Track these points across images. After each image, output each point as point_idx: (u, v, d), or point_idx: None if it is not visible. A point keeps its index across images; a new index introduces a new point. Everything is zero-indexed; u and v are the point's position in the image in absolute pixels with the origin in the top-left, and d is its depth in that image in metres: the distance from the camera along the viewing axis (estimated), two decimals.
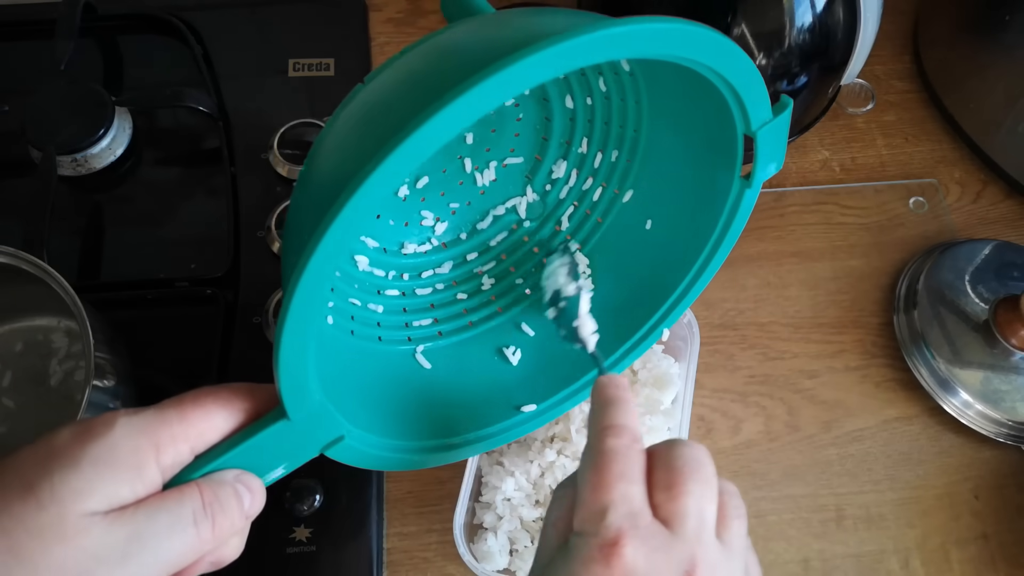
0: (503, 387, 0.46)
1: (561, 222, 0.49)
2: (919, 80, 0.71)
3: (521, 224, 0.49)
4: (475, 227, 0.48)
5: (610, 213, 0.48)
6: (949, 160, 0.68)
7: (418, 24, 0.73)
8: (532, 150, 0.47)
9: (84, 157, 0.61)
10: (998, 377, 0.55)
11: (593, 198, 0.48)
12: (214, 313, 0.57)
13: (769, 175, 0.40)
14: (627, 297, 0.47)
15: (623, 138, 0.45)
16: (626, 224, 0.47)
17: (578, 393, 0.46)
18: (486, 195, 0.48)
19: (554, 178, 0.48)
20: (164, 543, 0.28)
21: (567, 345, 0.44)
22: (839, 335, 0.60)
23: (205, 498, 0.29)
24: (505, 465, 0.51)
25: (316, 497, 0.51)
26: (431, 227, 0.47)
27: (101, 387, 0.44)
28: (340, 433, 0.36)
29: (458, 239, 0.48)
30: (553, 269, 0.46)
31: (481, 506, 0.51)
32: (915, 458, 0.56)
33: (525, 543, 0.50)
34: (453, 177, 0.46)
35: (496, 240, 0.49)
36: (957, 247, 0.60)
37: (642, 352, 0.47)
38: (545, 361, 0.47)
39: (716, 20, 0.54)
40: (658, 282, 0.46)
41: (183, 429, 0.30)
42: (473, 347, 0.47)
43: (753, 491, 0.54)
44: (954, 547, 0.53)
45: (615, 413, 0.34)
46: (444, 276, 0.47)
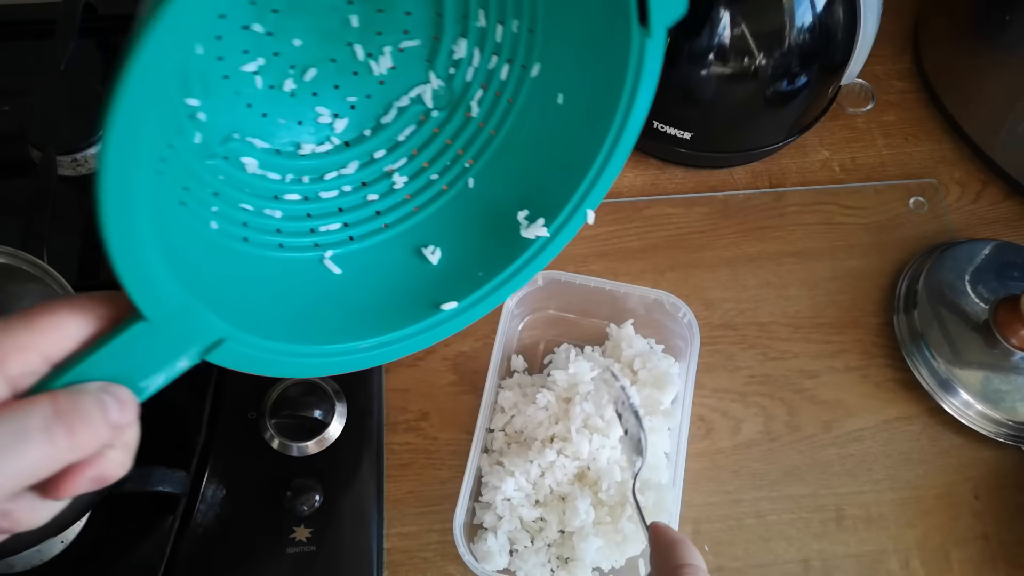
0: (421, 287, 0.43)
1: (471, 108, 0.46)
2: (919, 80, 0.71)
3: (429, 115, 0.46)
4: (379, 122, 0.45)
5: (520, 92, 0.45)
6: (949, 160, 0.68)
7: None
8: (428, 30, 0.44)
9: (84, 157, 0.61)
10: (998, 377, 0.55)
11: (501, 77, 0.45)
12: None
13: (669, 21, 0.38)
14: (550, 178, 0.44)
15: (520, 4, 0.43)
16: (538, 103, 0.44)
17: (505, 284, 0.43)
18: (386, 85, 0.45)
19: (456, 59, 0.45)
20: (11, 451, 0.26)
21: (494, 237, 0.43)
22: (839, 335, 0.60)
23: (59, 405, 0.28)
24: (505, 465, 0.51)
25: (316, 497, 0.51)
26: (329, 124, 0.44)
27: None
28: (219, 336, 0.33)
29: (361, 136, 0.45)
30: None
31: (481, 506, 0.51)
32: (915, 458, 0.56)
33: (525, 543, 0.50)
34: (345, 67, 0.43)
35: (404, 135, 0.46)
36: (957, 247, 0.60)
37: (570, 235, 0.43)
38: (469, 257, 0.44)
39: (716, 20, 0.54)
40: (578, 160, 0.43)
41: (30, 338, 0.28)
42: (388, 249, 0.45)
43: (753, 491, 0.54)
44: (954, 547, 0.53)
45: (685, 553, 0.38)
46: (351, 177, 0.45)
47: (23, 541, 0.45)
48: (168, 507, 0.50)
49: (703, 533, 0.53)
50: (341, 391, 0.55)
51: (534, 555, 0.50)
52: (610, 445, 0.51)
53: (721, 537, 0.53)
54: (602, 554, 0.49)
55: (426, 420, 0.56)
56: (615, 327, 0.57)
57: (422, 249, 0.45)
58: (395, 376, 0.57)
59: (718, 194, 0.65)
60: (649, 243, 0.63)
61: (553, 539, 0.50)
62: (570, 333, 0.59)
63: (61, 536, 0.50)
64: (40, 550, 0.50)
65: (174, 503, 0.50)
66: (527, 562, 0.50)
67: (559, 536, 0.51)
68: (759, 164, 0.67)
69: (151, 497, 0.49)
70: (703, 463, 0.55)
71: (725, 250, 0.63)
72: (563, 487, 0.51)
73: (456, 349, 0.58)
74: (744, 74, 0.56)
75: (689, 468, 0.52)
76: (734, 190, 0.65)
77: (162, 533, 0.50)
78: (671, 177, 0.66)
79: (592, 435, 0.51)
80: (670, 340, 0.57)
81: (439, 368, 0.58)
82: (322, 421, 0.53)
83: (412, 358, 0.58)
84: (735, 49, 0.55)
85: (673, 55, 0.56)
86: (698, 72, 0.56)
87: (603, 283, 0.55)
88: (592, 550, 0.49)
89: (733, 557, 0.52)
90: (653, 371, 0.54)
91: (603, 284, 0.55)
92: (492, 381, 0.53)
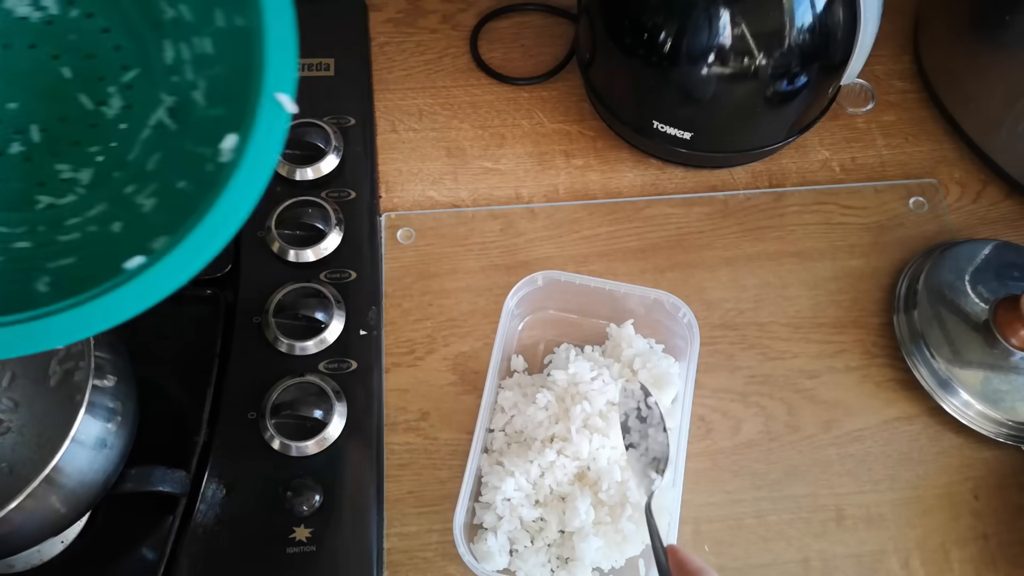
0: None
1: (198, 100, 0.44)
2: (919, 80, 0.71)
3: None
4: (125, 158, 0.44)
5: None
6: (949, 160, 0.68)
7: (418, 24, 0.73)
8: (142, 53, 0.45)
9: None
10: (998, 377, 0.55)
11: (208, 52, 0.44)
12: (214, 313, 0.57)
13: None
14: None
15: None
16: None
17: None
18: (126, 126, 0.44)
19: (172, 64, 0.44)
20: None
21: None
22: (839, 335, 0.60)
23: None
24: (505, 465, 0.51)
25: (316, 497, 0.51)
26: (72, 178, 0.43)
27: (101, 387, 0.44)
28: None
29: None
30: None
31: (481, 506, 0.51)
32: (915, 458, 0.56)
33: (525, 543, 0.50)
34: (79, 121, 0.43)
35: None
36: (957, 247, 0.60)
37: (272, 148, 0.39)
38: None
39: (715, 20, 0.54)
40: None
41: None
42: None
43: (753, 491, 0.54)
44: (954, 547, 0.53)
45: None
46: None
47: (23, 541, 0.45)
48: (168, 507, 0.50)
49: (703, 533, 0.53)
50: (341, 391, 0.55)
51: (534, 555, 0.50)
52: (610, 445, 0.51)
53: (721, 537, 0.53)
54: (602, 554, 0.49)
55: (426, 420, 0.56)
56: (615, 327, 0.57)
57: None
58: (395, 376, 0.57)
59: (718, 194, 0.65)
60: (649, 243, 0.63)
61: (553, 539, 0.50)
62: (570, 333, 0.59)
63: (61, 536, 0.50)
64: (40, 550, 0.50)
65: (174, 503, 0.50)
66: (527, 562, 0.50)
67: (559, 536, 0.51)
68: (759, 164, 0.67)
69: (151, 497, 0.49)
70: (703, 463, 0.55)
71: (725, 250, 0.63)
72: (563, 487, 0.51)
73: (456, 349, 0.58)
74: (744, 74, 0.56)
75: (689, 468, 0.52)
76: (734, 190, 0.65)
77: (162, 533, 0.50)
78: (671, 177, 0.66)
79: (592, 435, 0.51)
80: (670, 340, 0.57)
81: (439, 368, 0.58)
82: (322, 421, 0.53)
83: (412, 358, 0.58)
84: (735, 49, 0.55)
85: (673, 55, 0.56)
86: (698, 72, 0.56)
87: (603, 283, 0.55)
88: (592, 550, 0.49)
89: (733, 557, 0.52)
90: (653, 371, 0.54)
91: (603, 284, 0.55)
92: (492, 381, 0.53)
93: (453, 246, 0.62)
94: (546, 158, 0.67)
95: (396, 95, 0.69)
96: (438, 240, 0.62)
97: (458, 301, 0.60)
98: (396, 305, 0.60)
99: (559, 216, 0.64)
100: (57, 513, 0.44)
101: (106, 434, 0.44)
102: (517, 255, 0.62)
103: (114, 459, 0.45)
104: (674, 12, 0.55)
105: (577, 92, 0.70)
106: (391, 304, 0.60)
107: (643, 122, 0.62)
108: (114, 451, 0.45)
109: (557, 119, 0.69)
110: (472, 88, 0.70)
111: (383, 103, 0.69)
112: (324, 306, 0.56)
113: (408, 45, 0.72)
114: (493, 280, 0.61)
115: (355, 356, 0.56)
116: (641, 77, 0.60)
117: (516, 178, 0.66)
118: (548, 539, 0.50)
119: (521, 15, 0.74)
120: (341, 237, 0.60)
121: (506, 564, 0.50)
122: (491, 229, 0.63)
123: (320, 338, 0.56)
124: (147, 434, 0.49)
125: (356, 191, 0.63)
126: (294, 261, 0.59)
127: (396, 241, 0.62)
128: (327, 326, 0.56)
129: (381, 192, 0.65)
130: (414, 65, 0.71)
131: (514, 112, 0.69)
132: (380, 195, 0.64)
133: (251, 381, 0.55)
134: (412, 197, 0.65)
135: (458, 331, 0.59)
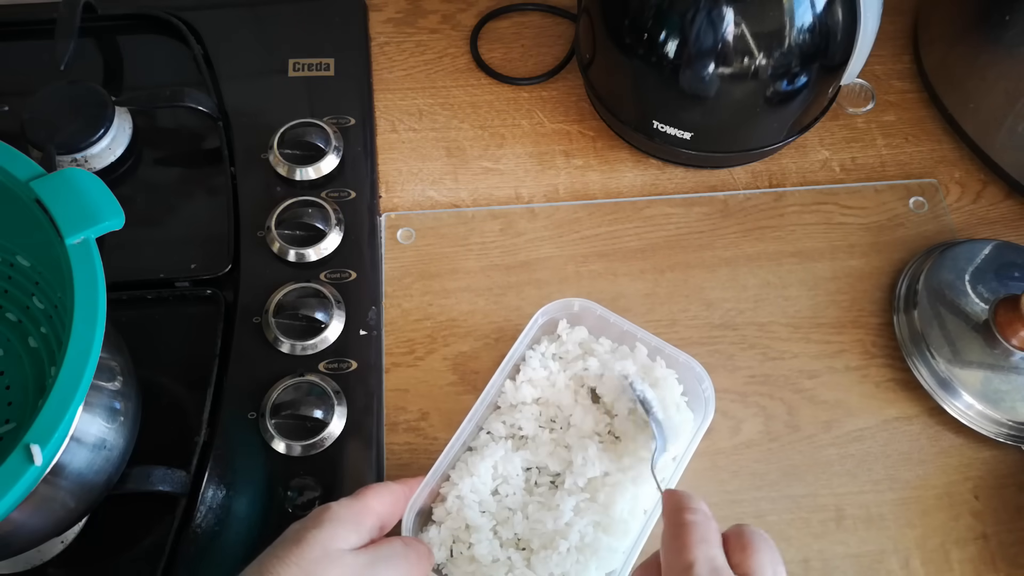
0: None
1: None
2: (919, 80, 0.71)
3: None
4: None
5: None
6: (949, 160, 0.68)
7: (418, 24, 0.73)
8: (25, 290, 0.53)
9: (84, 157, 0.61)
10: (998, 377, 0.55)
11: None
12: (214, 313, 0.57)
13: None
14: None
15: None
16: None
17: None
18: None
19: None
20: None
21: None
22: (839, 335, 0.60)
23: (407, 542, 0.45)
24: (468, 464, 0.50)
25: (316, 497, 0.51)
26: None
27: (102, 387, 0.44)
28: None
29: None
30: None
31: (439, 498, 0.50)
32: (915, 458, 0.56)
33: (461, 550, 0.49)
34: None
35: None
36: (957, 247, 0.60)
37: None
38: None
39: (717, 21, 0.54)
40: None
41: None
42: None
43: (753, 491, 0.54)
44: (954, 547, 0.53)
45: (688, 499, 0.40)
46: None
47: (23, 541, 0.45)
48: (168, 507, 0.50)
49: None
50: (341, 391, 0.55)
51: (466, 563, 0.48)
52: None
53: None
54: None
55: (426, 420, 0.56)
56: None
57: None
58: (395, 376, 0.57)
59: (718, 194, 0.65)
60: (649, 243, 0.63)
61: (503, 556, 0.49)
62: None
63: (61, 536, 0.50)
64: (40, 550, 0.50)
65: (174, 503, 0.50)
66: (460, 568, 0.48)
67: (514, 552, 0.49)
68: (759, 164, 0.67)
69: (151, 497, 0.49)
70: (703, 463, 0.55)
71: (725, 250, 0.63)
72: (515, 499, 0.50)
73: (456, 349, 0.58)
74: (744, 74, 0.56)
75: (689, 468, 0.52)
76: (734, 190, 0.65)
77: (162, 533, 0.50)
78: (671, 177, 0.66)
79: (559, 450, 0.51)
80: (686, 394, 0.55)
81: (439, 368, 0.58)
82: (322, 421, 0.53)
83: (412, 358, 0.58)
84: (735, 49, 0.55)
85: (673, 55, 0.56)
86: (698, 72, 0.56)
87: (636, 329, 0.54)
88: None
89: None
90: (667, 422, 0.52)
91: (635, 330, 0.54)
92: (498, 381, 0.53)
93: (453, 246, 0.62)
94: (546, 158, 0.67)
95: (396, 95, 0.69)
96: (438, 240, 0.62)
97: (458, 301, 0.60)
98: (396, 305, 0.60)
99: (559, 216, 0.64)
100: (57, 513, 0.44)
101: (106, 434, 0.44)
102: (517, 255, 0.62)
103: (114, 459, 0.45)
104: (674, 12, 0.55)
105: (577, 92, 0.70)
106: (391, 304, 0.60)
107: (643, 122, 0.62)
108: (114, 451, 0.45)
109: (557, 119, 0.69)
110: (472, 88, 0.70)
111: (383, 103, 0.69)
112: (324, 306, 0.56)
113: (408, 45, 0.72)
114: (493, 280, 0.61)
115: (355, 356, 0.56)
116: (641, 77, 0.60)
117: (516, 178, 0.66)
118: (496, 552, 0.49)
119: (521, 15, 0.74)
120: (341, 237, 0.60)
121: (442, 559, 0.48)
122: (491, 229, 0.63)
123: (320, 338, 0.56)
124: (147, 434, 0.49)
125: (356, 191, 0.63)
126: (294, 261, 0.59)
127: (396, 241, 0.62)
128: (327, 326, 0.56)
129: (381, 192, 0.65)
130: (414, 65, 0.71)
131: (514, 112, 0.69)
132: (380, 195, 0.64)
133: (251, 381, 0.55)
134: (412, 197, 0.65)
135: (458, 331, 0.59)
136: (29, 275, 0.52)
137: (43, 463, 0.36)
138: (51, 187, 0.42)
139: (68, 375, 0.38)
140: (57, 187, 0.42)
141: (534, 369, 0.54)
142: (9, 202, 0.43)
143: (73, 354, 0.38)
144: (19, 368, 0.52)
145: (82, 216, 0.41)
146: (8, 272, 0.52)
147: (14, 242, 0.51)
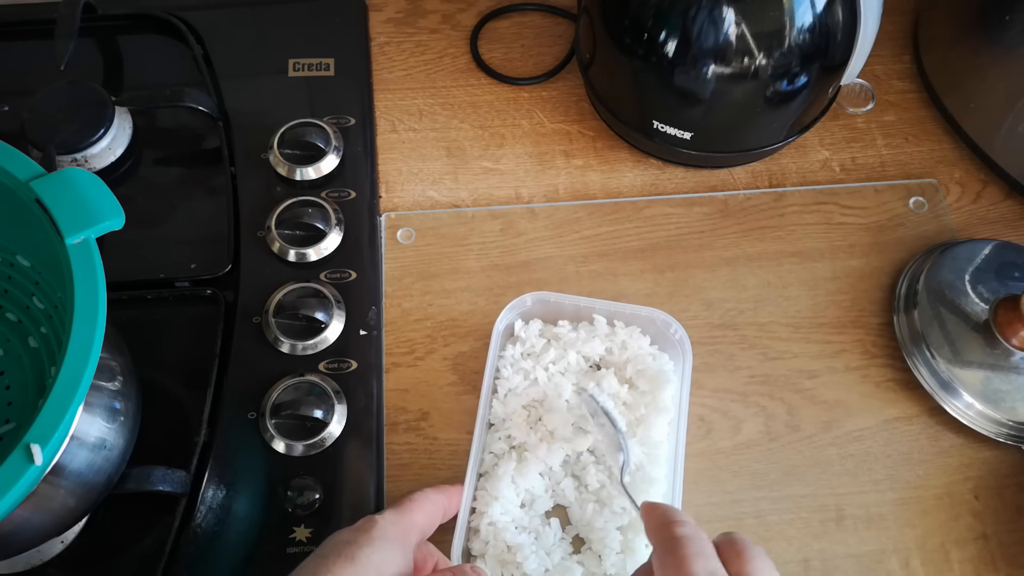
0: None
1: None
2: (919, 80, 0.71)
3: None
4: None
5: None
6: (949, 160, 0.68)
7: (418, 24, 0.73)
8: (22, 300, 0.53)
9: (84, 157, 0.61)
10: (998, 377, 0.55)
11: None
12: (214, 313, 0.57)
13: None
14: None
15: None
16: None
17: None
18: None
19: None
20: None
21: None
22: (839, 335, 0.60)
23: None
24: (488, 490, 0.51)
25: (316, 497, 0.51)
26: None
27: (102, 387, 0.44)
28: None
29: None
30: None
31: (473, 531, 0.51)
32: (915, 458, 0.56)
33: (512, 572, 0.49)
34: None
35: None
36: (957, 247, 0.60)
37: None
38: None
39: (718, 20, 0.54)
40: None
41: None
42: None
43: (753, 491, 0.54)
44: (954, 547, 0.53)
45: (673, 512, 0.39)
46: None
47: (23, 541, 0.45)
48: (168, 507, 0.50)
49: None
50: (341, 391, 0.55)
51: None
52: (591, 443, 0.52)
53: None
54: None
55: (426, 420, 0.56)
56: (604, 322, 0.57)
57: None
58: (395, 376, 0.57)
59: (718, 194, 0.65)
60: (649, 243, 0.63)
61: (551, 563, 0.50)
62: None
63: (61, 536, 0.50)
64: (40, 550, 0.50)
65: (174, 503, 0.50)
66: None
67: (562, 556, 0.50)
68: (759, 164, 0.67)
69: (151, 497, 0.49)
70: (703, 463, 0.55)
71: (725, 250, 0.63)
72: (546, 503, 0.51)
73: (456, 349, 0.58)
74: (744, 74, 0.56)
75: (689, 468, 0.52)
76: (734, 190, 0.65)
77: (162, 533, 0.50)
78: (671, 177, 0.66)
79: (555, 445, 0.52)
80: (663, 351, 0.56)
81: (439, 368, 0.58)
82: (322, 421, 0.53)
83: (412, 358, 0.58)
84: (735, 49, 0.55)
85: (673, 55, 0.56)
86: (698, 72, 0.56)
87: (593, 303, 0.55)
88: None
89: None
90: (646, 372, 0.54)
91: (593, 304, 0.55)
92: (485, 399, 0.53)
93: (453, 246, 0.62)
94: (546, 158, 0.67)
95: (396, 95, 0.69)
96: (438, 240, 0.62)
97: (458, 301, 0.60)
98: (396, 305, 0.60)
99: (559, 216, 0.64)
100: (57, 513, 0.44)
101: (106, 434, 0.44)
102: (517, 255, 0.62)
103: (114, 459, 0.45)
104: (674, 12, 0.55)
105: (577, 92, 0.70)
106: (391, 304, 0.60)
107: (643, 122, 0.62)
108: (114, 451, 0.45)
109: (557, 119, 0.69)
110: (472, 88, 0.70)
111: (383, 103, 0.69)
112: (324, 306, 0.56)
113: (408, 45, 0.72)
114: (493, 280, 0.61)
115: (355, 356, 0.56)
116: (641, 77, 0.60)
117: (516, 178, 0.66)
118: (544, 561, 0.49)
119: (521, 15, 0.74)
120: (341, 237, 0.60)
121: None
122: (491, 229, 0.63)
123: (320, 338, 0.56)
124: (147, 434, 0.49)
125: (356, 191, 0.63)
126: (294, 261, 0.59)
127: (396, 241, 0.62)
128: (327, 326, 0.56)
129: (381, 192, 0.65)
130: (414, 65, 0.71)
131: (514, 112, 0.69)
132: (380, 195, 0.64)
133: (251, 381, 0.55)
134: (412, 197, 0.65)
135: (458, 331, 0.59)
136: (29, 275, 0.52)
137: (43, 463, 0.36)
138: (51, 187, 0.42)
139: (68, 375, 0.38)
140: (57, 187, 0.42)
141: (508, 379, 0.54)
142: (9, 202, 0.43)
143: (73, 354, 0.38)
144: (19, 368, 0.52)
145: (82, 216, 0.41)
146: (8, 272, 0.52)
147: (14, 242, 0.51)
